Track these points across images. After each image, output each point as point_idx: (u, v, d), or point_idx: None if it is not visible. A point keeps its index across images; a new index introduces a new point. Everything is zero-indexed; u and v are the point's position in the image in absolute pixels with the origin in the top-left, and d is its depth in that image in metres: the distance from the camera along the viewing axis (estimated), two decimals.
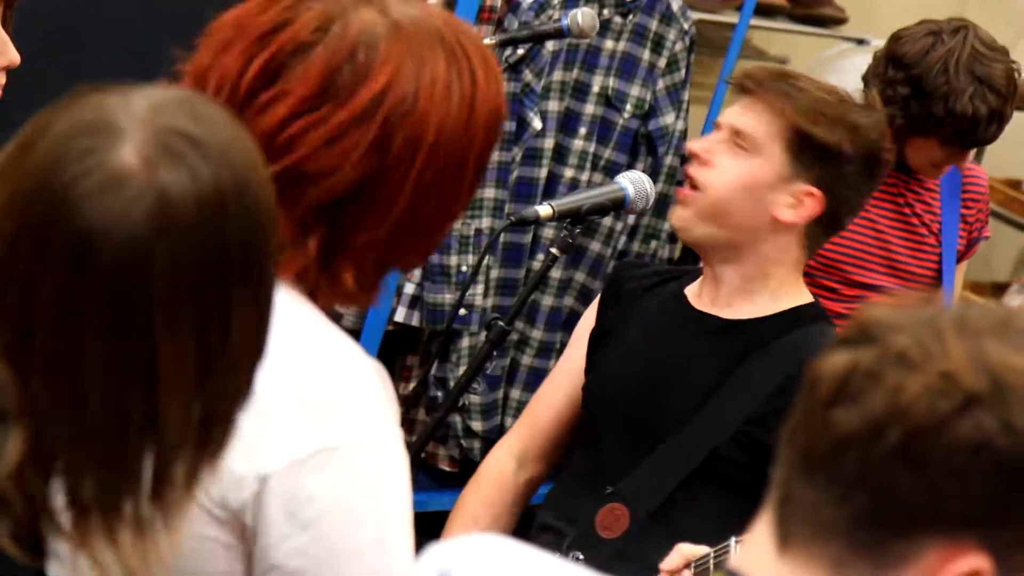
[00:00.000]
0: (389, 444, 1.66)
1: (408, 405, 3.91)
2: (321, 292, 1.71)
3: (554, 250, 2.72)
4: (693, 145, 2.82)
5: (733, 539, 2.34)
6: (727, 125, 2.80)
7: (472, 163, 1.72)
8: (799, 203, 2.78)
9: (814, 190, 2.77)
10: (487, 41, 3.58)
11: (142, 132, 1.36)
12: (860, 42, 5.33)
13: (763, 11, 5.08)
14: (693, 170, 2.80)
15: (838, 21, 5.28)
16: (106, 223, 1.33)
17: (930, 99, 3.30)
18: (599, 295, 3.03)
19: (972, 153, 3.51)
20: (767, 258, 2.80)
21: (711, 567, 2.34)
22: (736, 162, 2.75)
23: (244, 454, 1.61)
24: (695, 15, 4.64)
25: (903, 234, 3.54)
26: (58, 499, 1.40)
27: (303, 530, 1.63)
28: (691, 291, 2.90)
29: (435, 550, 1.43)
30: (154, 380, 1.36)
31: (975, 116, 3.27)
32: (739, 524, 2.21)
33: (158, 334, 1.35)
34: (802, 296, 2.87)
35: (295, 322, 1.68)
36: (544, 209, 2.69)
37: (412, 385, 3.91)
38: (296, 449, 1.62)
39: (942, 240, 3.53)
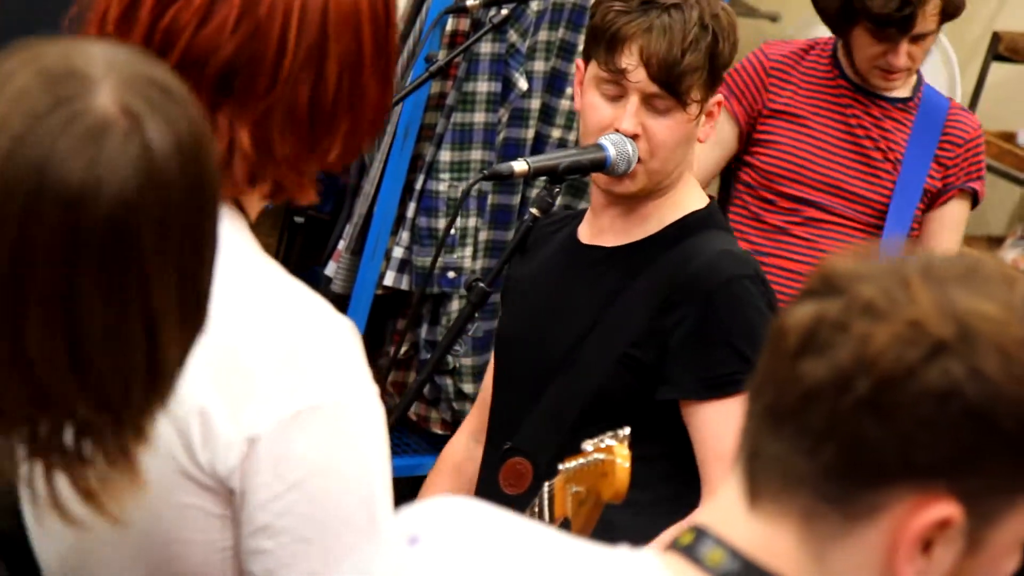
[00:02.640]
0: (369, 400, 1.67)
1: (399, 368, 3.91)
2: (262, 177, 1.72)
3: (533, 210, 2.68)
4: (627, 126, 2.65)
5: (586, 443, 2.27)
6: (639, 91, 2.64)
7: (371, 12, 1.72)
8: (712, 116, 2.71)
9: (720, 97, 2.70)
10: (470, 2, 3.57)
11: (113, 80, 1.35)
12: None
13: None
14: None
15: None
16: (95, 175, 1.32)
17: None
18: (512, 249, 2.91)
19: (906, 48, 3.46)
20: (680, 175, 2.71)
21: (549, 496, 2.31)
22: (667, 124, 2.65)
23: (230, 417, 1.62)
24: None
25: (851, 155, 3.55)
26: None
27: (292, 489, 1.63)
28: (582, 228, 2.81)
29: (404, 515, 1.42)
30: (152, 324, 1.37)
31: None
32: (637, 455, 2.18)
33: (152, 279, 1.36)
34: (693, 201, 2.76)
35: (257, 275, 1.68)
36: (519, 165, 2.63)
37: (404, 348, 3.91)
38: (282, 409, 1.62)
39: (900, 170, 3.53)
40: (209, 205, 1.40)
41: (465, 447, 2.91)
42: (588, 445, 2.21)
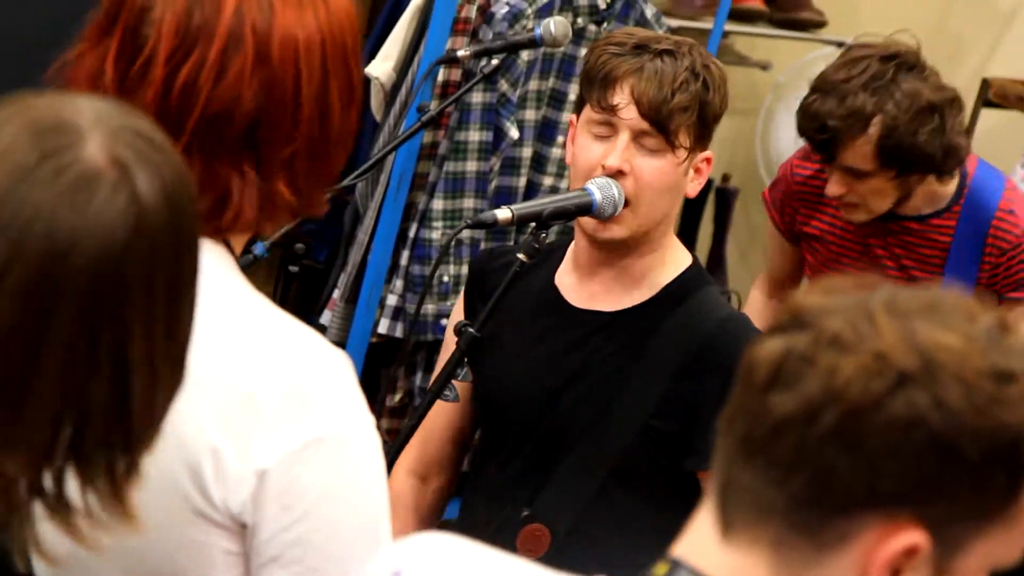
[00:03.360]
0: (368, 429, 1.70)
1: (395, 415, 3.94)
2: (270, 221, 1.75)
3: (521, 256, 2.70)
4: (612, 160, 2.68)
5: None
6: (629, 128, 2.68)
7: (352, 45, 1.76)
8: (700, 172, 2.75)
9: (709, 153, 2.73)
10: (461, 53, 3.61)
11: (102, 131, 1.37)
12: (840, 45, 5.34)
13: (743, 16, 5.11)
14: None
15: (817, 24, 5.30)
16: (83, 224, 1.34)
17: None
18: (463, 290, 2.93)
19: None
20: (664, 232, 2.74)
21: None
22: (653, 164, 2.68)
23: (239, 453, 1.65)
24: (675, 22, 4.67)
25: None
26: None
27: (300, 520, 1.67)
28: (564, 283, 2.80)
29: (387, 551, 1.45)
30: (124, 374, 1.38)
31: (804, 112, 3.23)
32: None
33: (132, 329, 1.37)
34: (679, 257, 2.78)
35: (251, 312, 1.71)
36: (503, 213, 2.65)
37: (399, 396, 3.93)
38: (288, 442, 1.65)
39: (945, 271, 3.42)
40: (191, 253, 1.42)
41: (413, 488, 2.90)
42: None
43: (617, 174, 2.67)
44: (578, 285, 2.78)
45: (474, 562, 1.42)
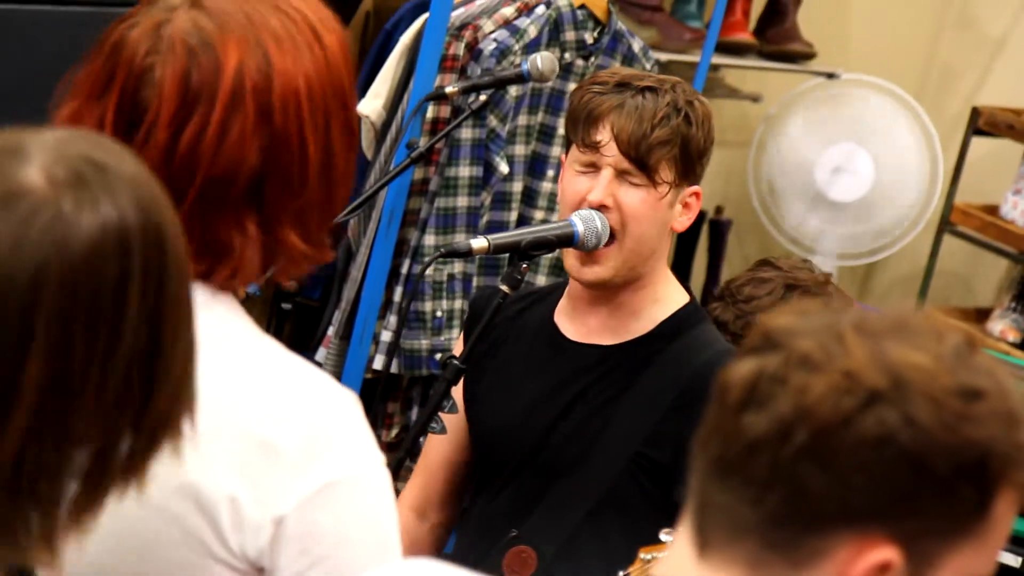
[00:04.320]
0: (381, 469, 1.71)
1: (391, 450, 3.95)
2: (279, 270, 1.74)
3: (503, 287, 2.72)
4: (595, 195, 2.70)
5: (662, 533, 2.30)
6: (611, 165, 2.70)
7: (348, 84, 1.75)
8: (689, 207, 2.76)
9: (697, 188, 2.75)
10: (450, 89, 3.64)
11: (49, 156, 1.36)
12: (830, 76, 5.38)
13: (732, 49, 5.14)
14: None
15: (807, 56, 5.34)
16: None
17: None
18: (464, 327, 2.93)
19: None
20: (655, 269, 2.75)
21: None
22: (637, 195, 2.69)
23: (256, 500, 1.65)
24: (664, 55, 4.71)
25: None
26: None
27: (317, 564, 1.67)
28: (563, 320, 2.82)
29: None
30: (11, 400, 1.34)
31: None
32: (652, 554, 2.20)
33: (33, 352, 1.33)
34: (675, 295, 2.80)
35: (261, 356, 1.71)
36: (478, 242, 2.66)
37: (395, 431, 3.95)
38: (305, 487, 1.65)
39: None
40: (132, 292, 1.36)
41: (411, 525, 2.91)
42: (664, 536, 2.24)
43: (602, 208, 2.70)
44: (575, 321, 2.81)
45: None
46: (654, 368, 2.70)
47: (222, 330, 1.70)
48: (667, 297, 2.79)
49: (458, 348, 2.90)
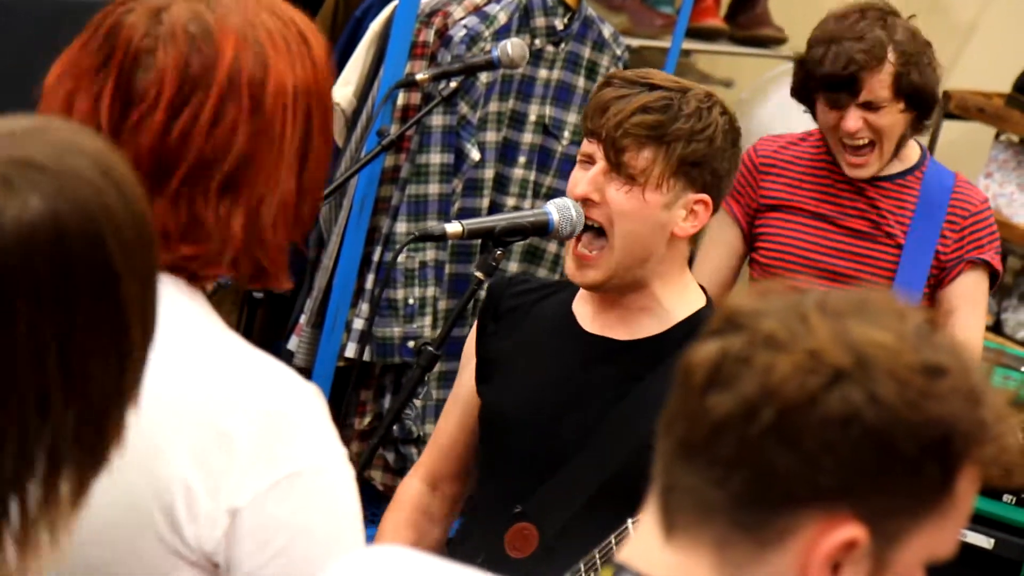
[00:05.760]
0: (341, 461, 1.71)
1: (363, 439, 3.95)
2: (246, 260, 1.75)
3: (478, 273, 2.70)
4: (579, 189, 2.69)
5: (630, 520, 2.31)
6: (603, 158, 2.68)
7: (327, 92, 1.79)
8: (696, 215, 2.71)
9: (704, 196, 2.70)
10: (420, 76, 3.64)
11: None
12: None
13: (703, 35, 5.14)
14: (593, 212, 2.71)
15: (778, 41, 5.34)
16: None
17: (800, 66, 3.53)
18: (478, 315, 2.93)
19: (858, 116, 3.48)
20: (663, 273, 2.73)
21: (598, 563, 2.34)
22: (628, 197, 2.66)
23: (210, 491, 1.65)
24: (635, 41, 4.71)
25: (849, 240, 3.50)
26: None
27: (276, 557, 1.67)
28: (580, 311, 2.82)
29: (335, 566, 1.47)
30: None
31: (821, 61, 3.45)
32: None
33: None
34: (694, 298, 2.79)
35: (221, 348, 1.72)
36: (453, 227, 2.65)
37: (368, 419, 3.95)
38: (261, 479, 1.65)
39: (903, 250, 3.54)
40: (73, 289, 1.34)
41: (421, 493, 2.92)
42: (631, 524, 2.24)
43: (589, 203, 2.68)
44: (593, 313, 2.79)
45: (420, 573, 1.44)
46: (666, 365, 2.69)
47: (187, 323, 1.71)
48: (684, 297, 2.77)
49: (472, 337, 2.90)
